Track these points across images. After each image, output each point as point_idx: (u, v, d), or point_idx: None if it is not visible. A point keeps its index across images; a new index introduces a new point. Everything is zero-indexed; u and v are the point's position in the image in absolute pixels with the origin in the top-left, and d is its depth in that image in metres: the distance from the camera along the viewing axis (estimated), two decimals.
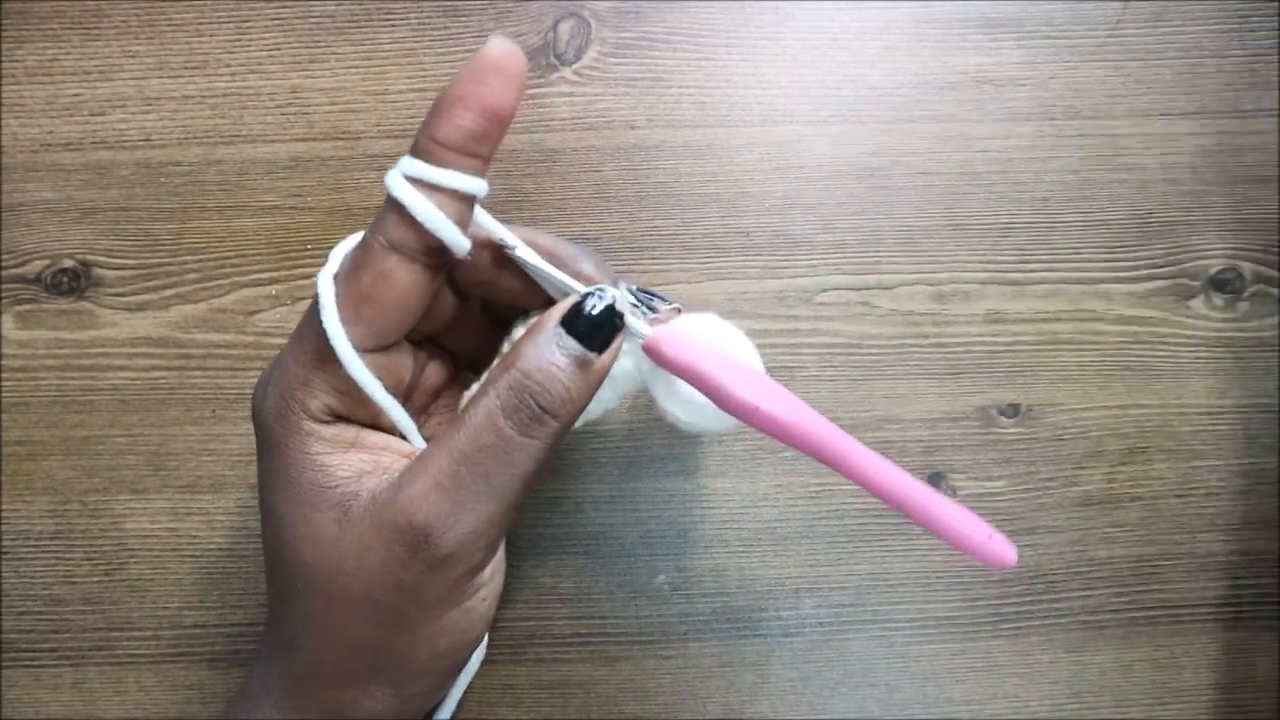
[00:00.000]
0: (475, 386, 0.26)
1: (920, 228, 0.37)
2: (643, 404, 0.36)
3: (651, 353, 0.25)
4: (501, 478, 0.23)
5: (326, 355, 0.23)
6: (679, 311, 0.27)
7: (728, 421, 0.27)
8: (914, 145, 0.38)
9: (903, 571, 0.36)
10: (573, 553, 0.36)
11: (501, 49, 0.22)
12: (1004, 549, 0.24)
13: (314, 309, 0.24)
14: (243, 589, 0.36)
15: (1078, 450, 0.36)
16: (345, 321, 0.23)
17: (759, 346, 0.29)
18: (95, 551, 0.36)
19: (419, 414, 0.28)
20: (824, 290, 0.37)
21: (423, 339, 0.28)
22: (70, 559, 0.36)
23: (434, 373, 0.28)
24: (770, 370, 0.36)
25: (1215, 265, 0.37)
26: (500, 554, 0.27)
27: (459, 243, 0.23)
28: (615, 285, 0.25)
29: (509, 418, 0.23)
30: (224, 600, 0.36)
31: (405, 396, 0.27)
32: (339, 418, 0.24)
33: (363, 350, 0.24)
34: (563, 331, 0.23)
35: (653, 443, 0.36)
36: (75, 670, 0.35)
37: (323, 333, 0.23)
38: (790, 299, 0.37)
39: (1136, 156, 0.38)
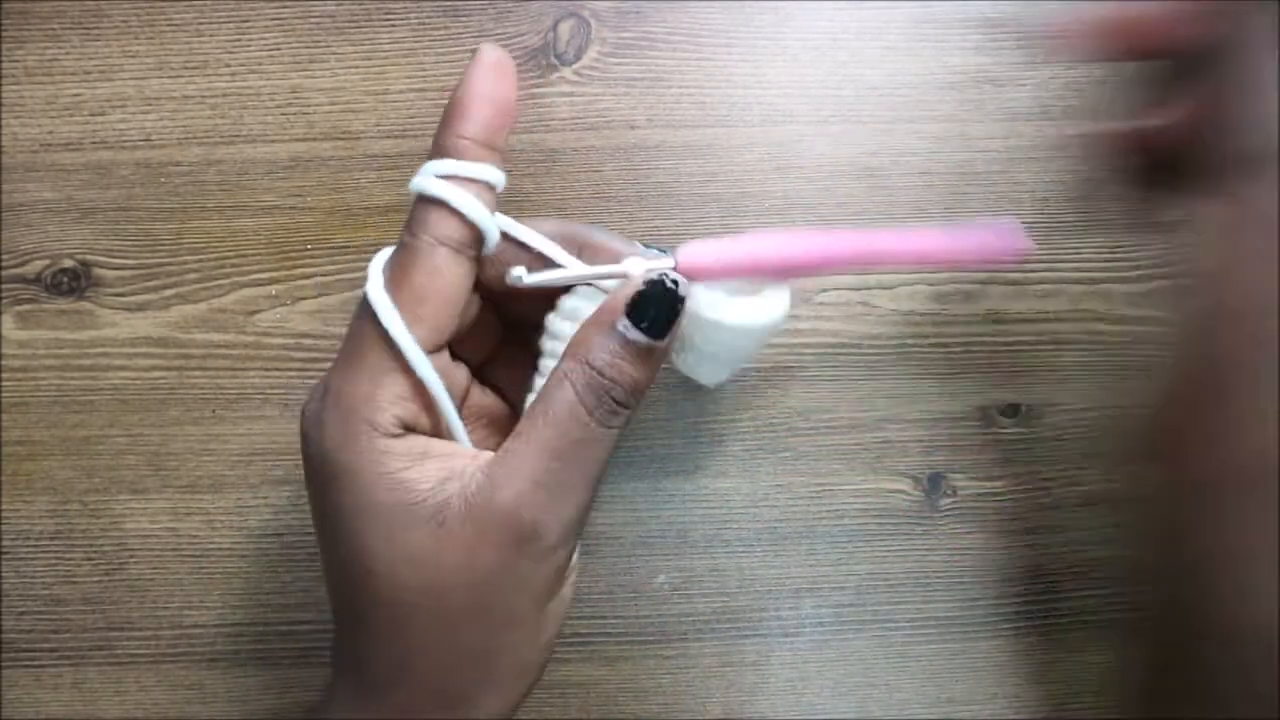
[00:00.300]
0: (538, 380, 0.26)
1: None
2: (644, 402, 0.36)
3: (687, 271, 0.26)
4: (589, 468, 0.24)
5: (389, 365, 0.24)
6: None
7: (749, 349, 0.29)
8: (914, 145, 0.38)
9: (903, 571, 0.36)
10: None
11: (494, 53, 0.25)
12: (1016, 240, 0.27)
13: (362, 326, 0.24)
14: (243, 589, 0.36)
15: (1078, 450, 0.36)
16: (408, 322, 0.23)
17: None
18: (95, 551, 0.36)
19: None
20: (824, 290, 0.37)
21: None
22: (70, 559, 0.36)
23: (459, 381, 0.28)
24: (770, 370, 0.36)
25: None
26: (577, 541, 0.27)
27: (494, 232, 0.25)
28: (631, 248, 0.26)
29: (591, 413, 0.24)
30: (224, 600, 0.36)
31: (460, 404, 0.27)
32: (407, 429, 0.24)
33: (424, 350, 0.24)
34: (629, 323, 0.24)
35: (653, 443, 0.36)
36: (75, 670, 0.36)
37: (381, 344, 0.23)
38: (790, 299, 0.37)
39: None
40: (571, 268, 0.26)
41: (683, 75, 0.38)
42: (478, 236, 0.24)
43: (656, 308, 0.24)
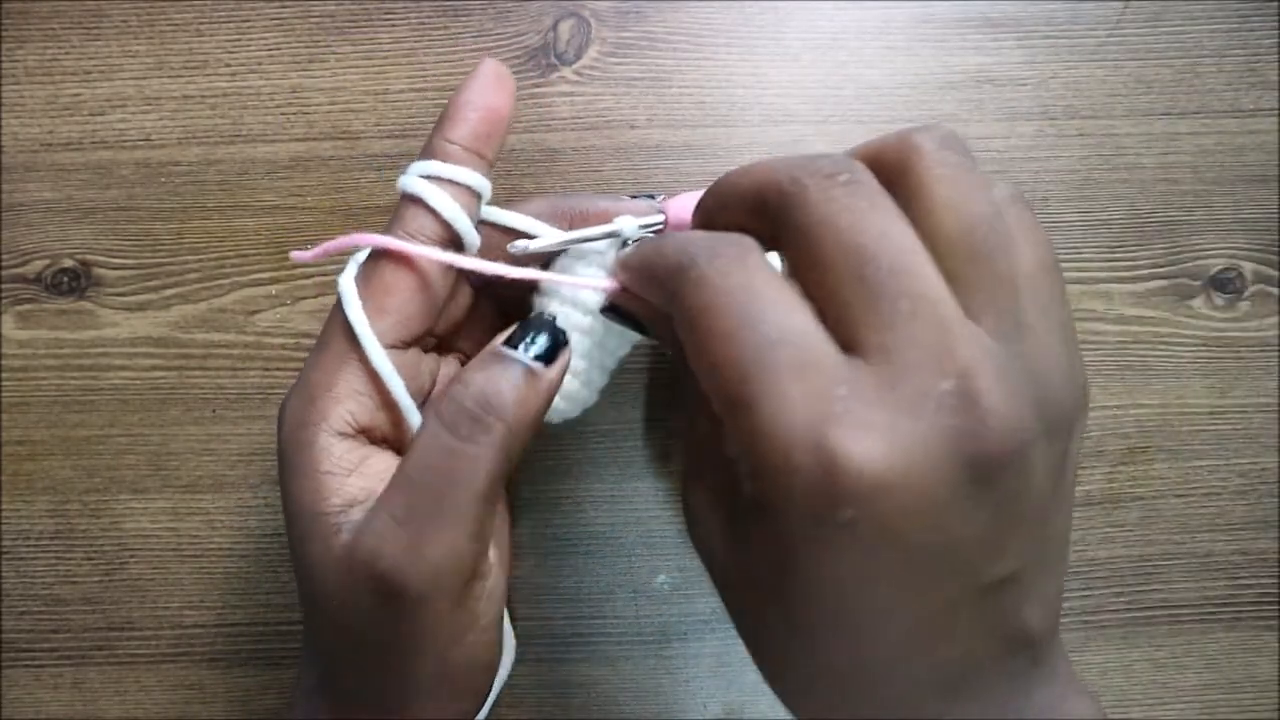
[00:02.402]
0: None
1: None
2: (643, 402, 0.36)
3: (678, 223, 0.27)
4: (454, 499, 0.22)
5: (349, 354, 0.24)
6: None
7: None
8: None
9: None
10: (573, 553, 0.36)
11: (494, 66, 0.26)
12: None
13: (335, 313, 0.24)
14: (243, 589, 0.36)
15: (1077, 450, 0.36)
16: (369, 313, 0.24)
17: None
18: (95, 551, 0.36)
19: None
20: None
21: (438, 343, 0.28)
22: (70, 559, 0.36)
23: (427, 375, 0.28)
24: None
25: (1215, 265, 0.37)
26: (496, 577, 0.25)
27: (471, 234, 0.25)
28: (619, 203, 0.27)
29: (448, 428, 0.22)
30: (224, 600, 0.36)
31: (423, 402, 0.26)
32: (361, 430, 0.24)
33: (386, 345, 0.24)
34: (503, 348, 0.24)
35: (653, 443, 0.36)
36: (75, 670, 0.36)
37: (344, 333, 0.24)
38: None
39: (1136, 156, 0.38)
40: (566, 234, 0.27)
41: (683, 75, 0.38)
42: (454, 237, 0.25)
43: (538, 333, 0.24)
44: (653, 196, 0.27)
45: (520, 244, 0.26)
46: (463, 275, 0.26)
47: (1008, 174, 0.37)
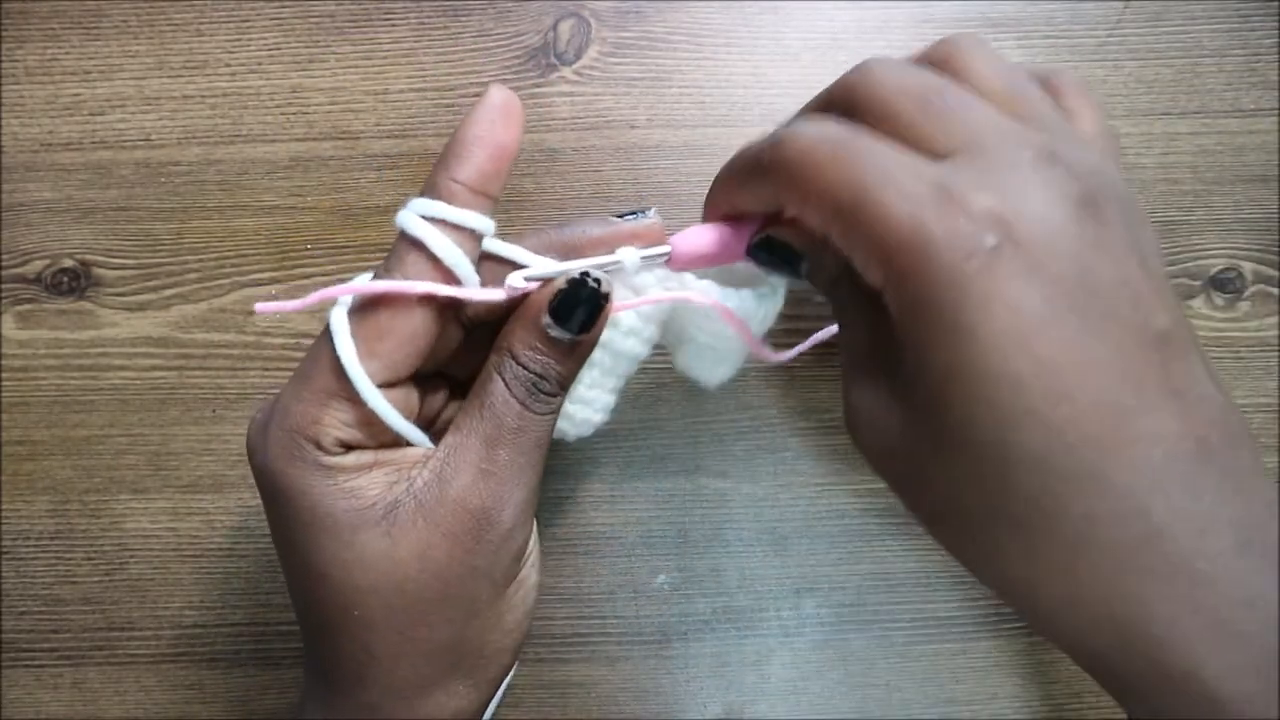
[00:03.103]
0: None
1: None
2: (643, 403, 0.36)
3: (684, 260, 0.27)
4: (529, 451, 0.25)
5: (339, 392, 0.23)
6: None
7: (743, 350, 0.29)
8: None
9: (903, 571, 0.36)
10: (573, 553, 0.36)
11: (503, 95, 0.24)
12: None
13: (321, 348, 0.24)
14: (243, 589, 0.36)
15: None
16: (361, 356, 0.23)
17: None
18: (95, 551, 0.36)
19: None
20: None
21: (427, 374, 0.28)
22: (70, 559, 0.36)
23: (433, 399, 0.28)
24: (770, 370, 0.36)
25: (1215, 265, 0.37)
26: (533, 523, 0.28)
27: (473, 278, 0.24)
28: (611, 226, 0.27)
29: (524, 404, 0.25)
30: (224, 600, 0.36)
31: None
32: (350, 449, 0.24)
33: (376, 384, 0.24)
34: (551, 320, 0.24)
35: (653, 443, 0.36)
36: (75, 670, 0.36)
37: (335, 369, 0.23)
38: (791, 298, 0.37)
39: (1137, 156, 0.38)
40: (565, 264, 0.26)
41: (683, 75, 0.38)
42: (454, 282, 0.24)
43: (579, 305, 0.24)
44: (644, 212, 0.27)
45: (519, 275, 0.25)
46: (454, 315, 0.26)
47: None
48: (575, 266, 0.25)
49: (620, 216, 0.26)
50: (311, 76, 0.38)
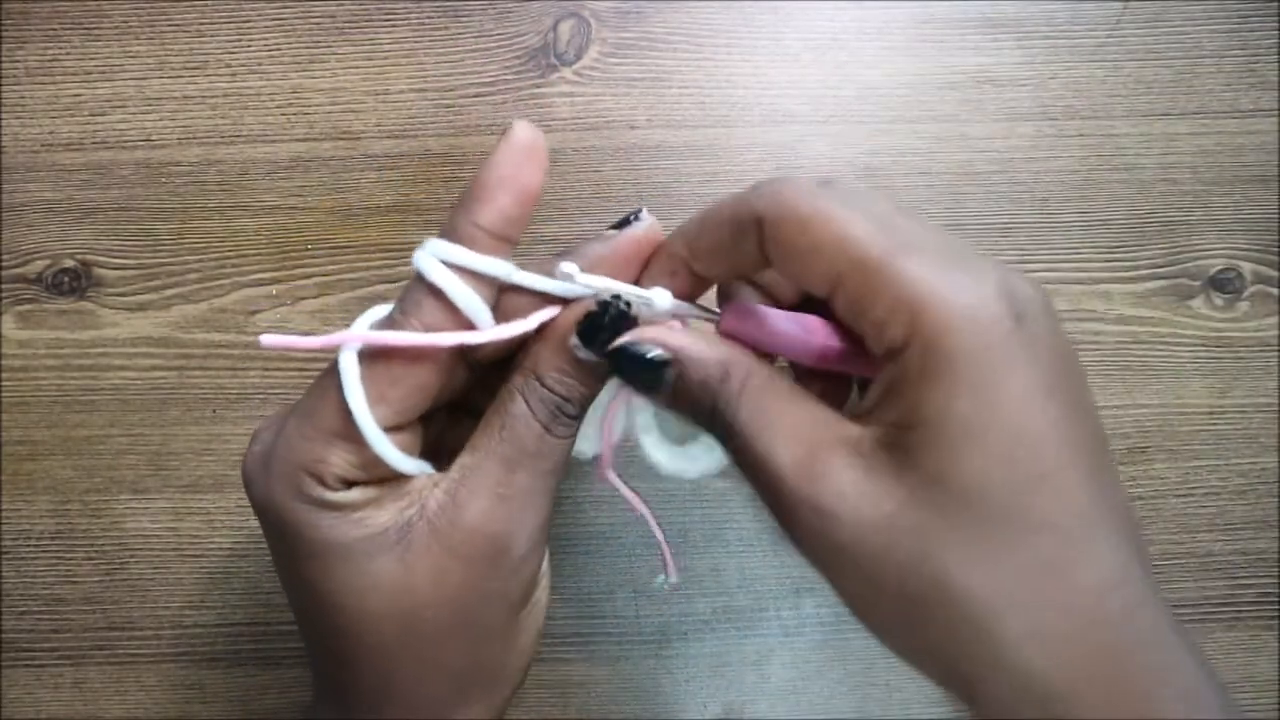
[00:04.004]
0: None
1: None
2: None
3: (729, 334, 0.25)
4: (547, 476, 0.25)
5: (345, 434, 0.23)
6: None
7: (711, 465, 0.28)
8: (914, 145, 0.38)
9: None
10: (573, 553, 0.36)
11: (528, 133, 0.23)
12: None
13: (329, 386, 0.23)
14: (243, 589, 0.36)
15: None
16: (370, 402, 0.23)
17: None
18: (96, 551, 0.36)
19: None
20: None
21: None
22: (71, 559, 0.36)
23: (432, 425, 0.28)
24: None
25: (1215, 265, 0.37)
26: (546, 547, 0.27)
27: (489, 325, 0.24)
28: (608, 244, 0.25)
29: (546, 427, 0.24)
30: (224, 600, 0.36)
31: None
32: (353, 484, 0.24)
33: (384, 428, 0.23)
34: (579, 342, 0.24)
35: None
36: (76, 670, 0.36)
37: (342, 412, 0.23)
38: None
39: (1136, 156, 0.38)
40: (610, 283, 0.24)
41: (683, 75, 0.38)
42: (470, 329, 0.23)
43: (605, 328, 0.24)
44: (637, 215, 0.25)
45: (567, 269, 0.24)
46: (464, 357, 0.25)
47: (1007, 174, 0.38)
48: (613, 289, 0.24)
49: (615, 226, 0.25)
50: (312, 77, 0.38)
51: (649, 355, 0.23)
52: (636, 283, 0.25)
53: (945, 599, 0.20)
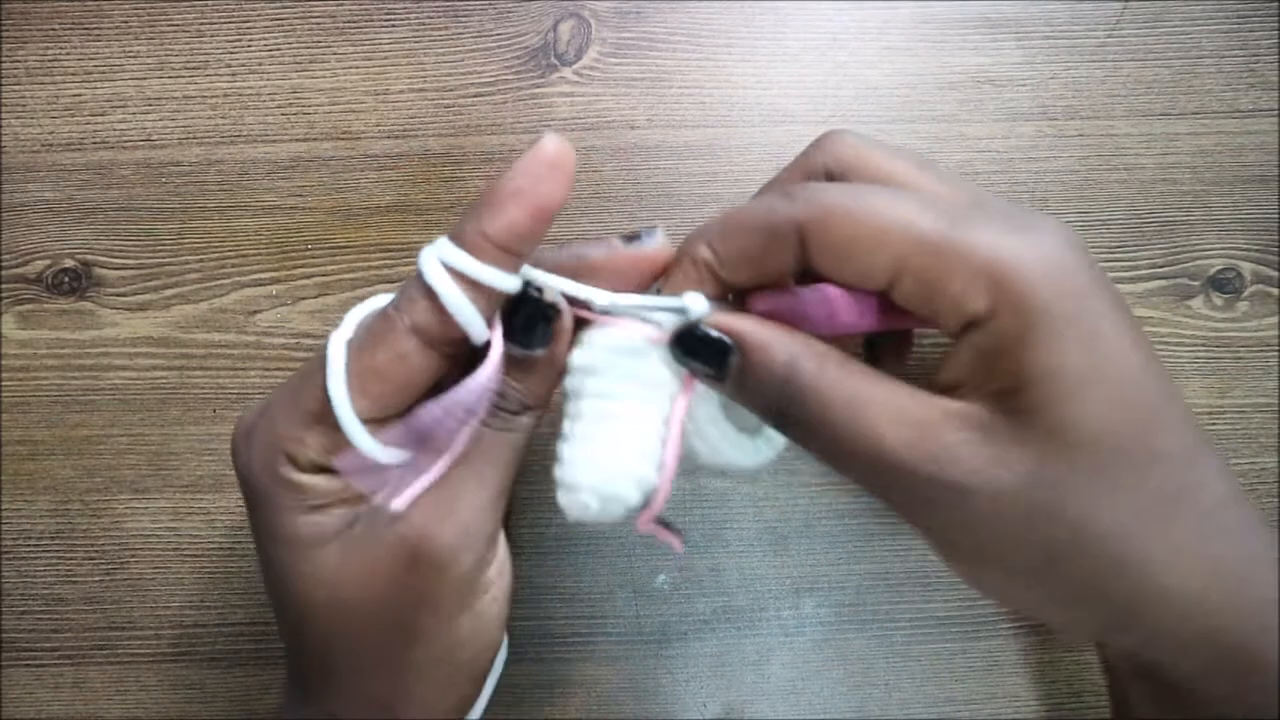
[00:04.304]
0: (566, 424, 0.26)
1: None
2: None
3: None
4: (484, 473, 0.24)
5: (325, 420, 0.23)
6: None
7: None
8: (914, 145, 0.38)
9: (903, 571, 0.36)
10: (573, 553, 0.36)
11: (556, 147, 0.22)
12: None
13: (316, 371, 0.23)
14: (243, 589, 0.36)
15: None
16: (352, 392, 0.23)
17: None
18: (96, 551, 0.36)
19: None
20: None
21: None
22: (71, 558, 0.36)
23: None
24: None
25: (1215, 265, 0.37)
26: (504, 554, 0.27)
27: (483, 336, 0.23)
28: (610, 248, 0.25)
29: (483, 423, 0.24)
30: (224, 600, 0.36)
31: None
32: (325, 470, 0.24)
33: (362, 420, 0.23)
34: (516, 349, 0.24)
35: None
36: (76, 669, 0.36)
37: (325, 398, 0.23)
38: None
39: (1136, 156, 0.38)
40: (624, 297, 0.24)
41: (683, 75, 0.38)
42: (463, 337, 0.23)
43: (525, 319, 0.23)
44: (649, 233, 0.25)
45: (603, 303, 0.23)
46: (450, 355, 0.24)
47: (1008, 174, 0.38)
48: (635, 306, 0.23)
49: (625, 239, 0.25)
50: (312, 77, 0.38)
51: (712, 337, 0.23)
52: (658, 293, 0.25)
53: (1089, 543, 0.21)
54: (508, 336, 0.24)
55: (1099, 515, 0.20)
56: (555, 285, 0.24)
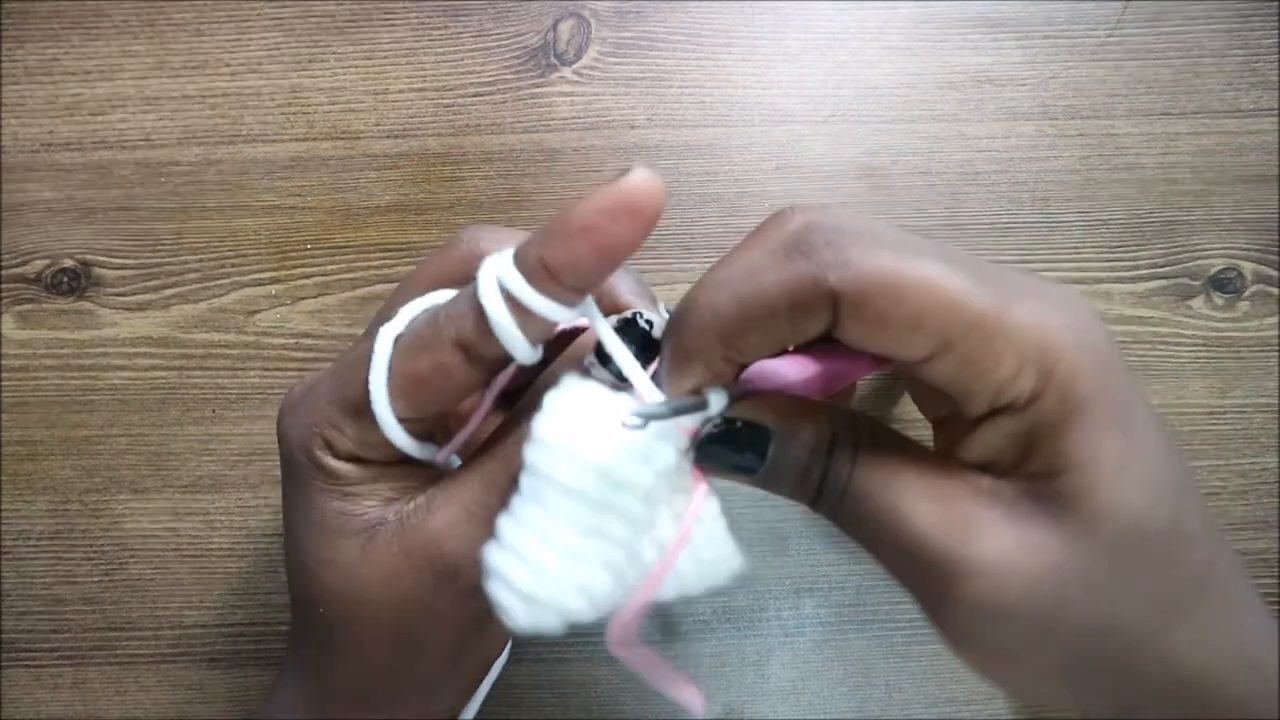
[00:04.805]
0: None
1: (920, 228, 0.37)
2: None
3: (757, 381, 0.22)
4: (500, 474, 0.23)
5: (364, 414, 0.23)
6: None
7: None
8: (914, 145, 0.38)
9: None
10: None
11: (644, 182, 0.19)
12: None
13: (362, 362, 0.23)
14: (243, 589, 0.36)
15: None
16: (392, 393, 0.22)
17: None
18: (95, 551, 0.36)
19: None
20: None
21: None
22: (70, 559, 0.36)
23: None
24: None
25: (1215, 265, 0.37)
26: None
27: (529, 358, 0.22)
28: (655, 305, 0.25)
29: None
30: (224, 600, 0.36)
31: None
32: (358, 460, 0.24)
33: (399, 419, 0.23)
34: (595, 360, 0.23)
35: None
36: (75, 670, 0.36)
37: (367, 392, 0.23)
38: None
39: (1136, 156, 0.38)
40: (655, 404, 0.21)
41: (683, 75, 0.38)
42: (505, 358, 0.22)
43: (626, 348, 0.22)
44: (641, 316, 0.23)
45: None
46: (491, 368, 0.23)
47: (1008, 174, 0.38)
48: (671, 408, 0.21)
49: (624, 319, 0.23)
50: (311, 76, 0.38)
51: (751, 425, 0.21)
52: (655, 374, 0.22)
53: (1118, 635, 0.20)
54: (599, 359, 0.23)
55: (1130, 607, 0.20)
56: (624, 360, 0.22)
